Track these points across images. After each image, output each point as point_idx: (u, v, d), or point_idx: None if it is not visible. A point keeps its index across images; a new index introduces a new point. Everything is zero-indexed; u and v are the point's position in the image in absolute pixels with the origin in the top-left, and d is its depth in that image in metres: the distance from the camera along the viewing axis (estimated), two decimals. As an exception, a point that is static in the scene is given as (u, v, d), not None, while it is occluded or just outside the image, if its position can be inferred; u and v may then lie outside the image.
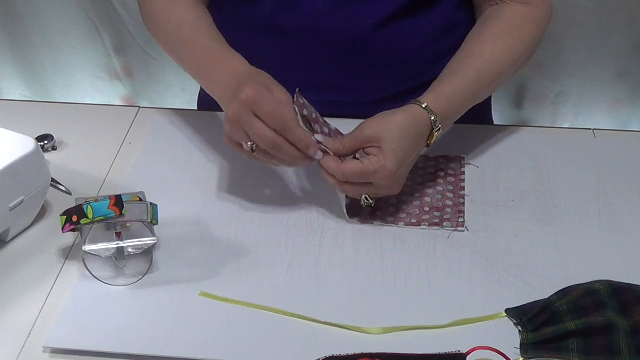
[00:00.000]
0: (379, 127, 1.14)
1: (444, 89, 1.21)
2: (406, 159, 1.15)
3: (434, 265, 1.11)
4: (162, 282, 1.07)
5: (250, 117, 1.10)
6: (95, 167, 1.29)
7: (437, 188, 1.25)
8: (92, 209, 1.05)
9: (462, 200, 1.23)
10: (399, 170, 1.13)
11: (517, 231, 1.17)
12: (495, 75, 1.26)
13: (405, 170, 1.16)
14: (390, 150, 1.12)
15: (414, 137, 1.16)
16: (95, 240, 1.07)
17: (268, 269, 1.11)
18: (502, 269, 1.10)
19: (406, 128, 1.15)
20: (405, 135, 1.14)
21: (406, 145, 1.14)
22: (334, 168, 1.13)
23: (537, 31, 1.31)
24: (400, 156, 1.13)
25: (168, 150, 1.33)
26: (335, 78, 1.29)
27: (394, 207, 1.21)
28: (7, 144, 1.11)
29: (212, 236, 1.16)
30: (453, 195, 1.24)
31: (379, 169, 1.11)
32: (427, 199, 1.23)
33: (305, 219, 1.19)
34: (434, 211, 1.21)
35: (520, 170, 1.29)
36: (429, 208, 1.21)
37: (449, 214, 1.20)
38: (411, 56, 1.34)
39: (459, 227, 1.18)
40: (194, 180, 1.27)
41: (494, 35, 1.29)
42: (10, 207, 1.09)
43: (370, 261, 1.12)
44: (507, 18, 1.30)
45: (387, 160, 1.11)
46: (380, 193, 1.16)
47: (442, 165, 1.30)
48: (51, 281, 1.08)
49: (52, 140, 1.33)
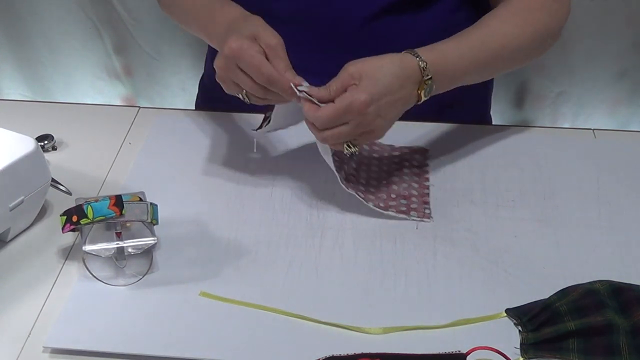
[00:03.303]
0: (363, 64, 1.12)
1: (441, 45, 1.20)
2: (385, 93, 1.11)
3: (434, 265, 1.11)
4: (162, 282, 1.07)
5: (235, 70, 1.12)
6: (95, 167, 1.29)
7: (403, 177, 1.26)
8: (92, 209, 1.05)
9: (426, 191, 1.24)
10: (374, 104, 1.10)
11: (517, 231, 1.17)
12: (500, 47, 1.24)
13: (385, 109, 1.12)
14: (367, 83, 1.10)
15: (397, 76, 1.13)
16: (95, 240, 1.07)
17: (268, 268, 1.11)
18: (502, 269, 1.10)
19: (390, 66, 1.13)
20: (387, 73, 1.12)
21: (387, 82, 1.12)
22: (312, 115, 1.11)
23: (550, 22, 1.30)
24: (377, 90, 1.10)
25: (168, 150, 1.33)
26: (329, 66, 1.28)
27: (364, 187, 1.21)
28: (7, 144, 1.11)
29: (212, 236, 1.16)
30: (418, 185, 1.25)
31: (352, 101, 1.09)
32: (394, 187, 1.24)
33: (305, 218, 1.19)
34: (401, 199, 1.21)
35: (520, 170, 1.29)
36: (396, 195, 1.22)
37: (415, 204, 1.21)
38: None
39: (425, 217, 1.19)
40: (194, 180, 1.27)
41: (505, 13, 1.28)
42: (10, 207, 1.09)
43: (370, 261, 1.12)
44: (522, 1, 1.29)
45: (360, 91, 1.09)
46: (358, 134, 1.12)
47: (407, 156, 1.31)
48: (51, 281, 1.08)
49: (52, 140, 1.33)
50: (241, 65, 1.11)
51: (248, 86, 1.13)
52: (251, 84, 1.12)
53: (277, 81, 1.11)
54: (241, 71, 1.12)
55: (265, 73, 1.10)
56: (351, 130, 1.11)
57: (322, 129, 1.12)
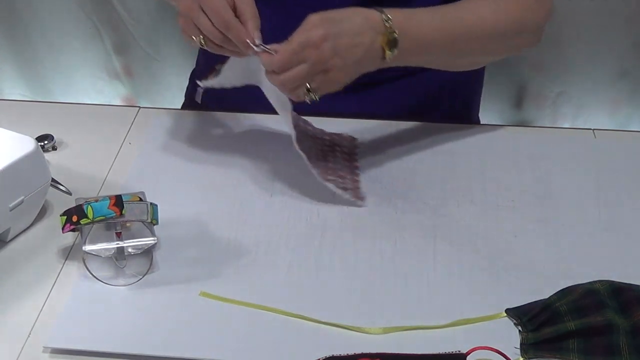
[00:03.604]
0: (324, 12, 1.13)
1: (409, 8, 1.20)
2: (342, 34, 1.11)
3: (433, 265, 1.11)
4: (162, 282, 1.07)
5: (197, 11, 1.12)
6: (95, 167, 1.29)
7: (335, 159, 1.28)
8: (92, 209, 1.05)
9: (357, 178, 1.26)
10: (331, 41, 1.10)
11: (517, 231, 1.17)
12: (471, 25, 1.25)
13: (343, 49, 1.11)
14: (326, 24, 1.10)
15: (358, 23, 1.14)
16: (95, 240, 1.07)
17: (268, 269, 1.11)
18: (502, 269, 1.10)
19: (351, 13, 1.15)
20: (347, 18, 1.13)
21: (346, 24, 1.12)
22: (269, 61, 1.11)
23: (527, 16, 1.31)
24: (334, 29, 1.11)
25: (168, 150, 1.33)
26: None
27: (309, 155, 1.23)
28: (7, 144, 1.11)
29: (212, 236, 1.16)
30: (348, 169, 1.27)
31: (308, 36, 1.09)
32: (330, 165, 1.26)
33: (305, 218, 1.19)
34: (338, 177, 1.23)
35: (520, 171, 1.29)
36: (332, 171, 1.24)
37: (349, 185, 1.23)
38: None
39: (358, 200, 1.20)
40: (194, 180, 1.27)
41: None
42: (10, 207, 1.09)
43: (370, 261, 1.12)
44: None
45: (317, 28, 1.10)
46: (317, 73, 1.11)
47: (337, 141, 1.32)
48: (51, 281, 1.08)
49: (52, 140, 1.33)
50: (204, 6, 1.11)
51: (206, 29, 1.12)
52: (210, 27, 1.12)
53: (234, 28, 1.11)
54: (203, 13, 1.12)
55: (225, 18, 1.10)
56: (309, 69, 1.10)
57: (280, 71, 1.11)
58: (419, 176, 1.28)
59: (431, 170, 1.29)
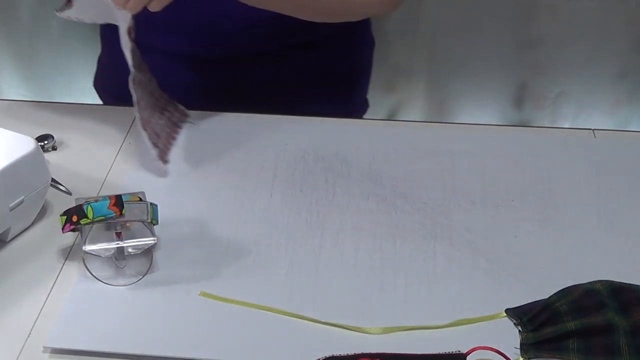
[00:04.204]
0: None
1: None
2: None
3: (433, 265, 1.11)
4: (162, 282, 1.07)
5: None
6: (95, 167, 1.29)
7: (161, 118, 1.32)
8: (92, 209, 1.05)
9: (169, 145, 1.32)
10: None
11: (517, 231, 1.17)
12: None
13: None
14: None
15: None
16: (95, 240, 1.07)
17: (268, 269, 1.11)
18: (502, 269, 1.10)
19: None
20: None
21: None
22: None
23: None
24: None
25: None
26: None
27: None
28: (7, 144, 1.11)
29: (212, 236, 1.16)
30: (166, 133, 1.32)
31: None
32: (153, 119, 1.30)
33: (305, 219, 1.19)
34: (154, 132, 1.27)
35: (520, 171, 1.29)
36: (152, 125, 1.28)
37: (160, 145, 1.27)
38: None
39: (161, 162, 1.27)
40: (193, 180, 1.27)
41: None
42: (10, 207, 1.09)
43: (370, 261, 1.12)
44: None
45: None
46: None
47: (170, 107, 1.37)
48: (51, 281, 1.08)
49: (52, 140, 1.33)
50: None
51: None
52: None
53: None
54: None
55: None
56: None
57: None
58: (419, 175, 1.28)
59: (431, 170, 1.29)
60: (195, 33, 1.44)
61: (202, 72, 1.51)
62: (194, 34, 1.44)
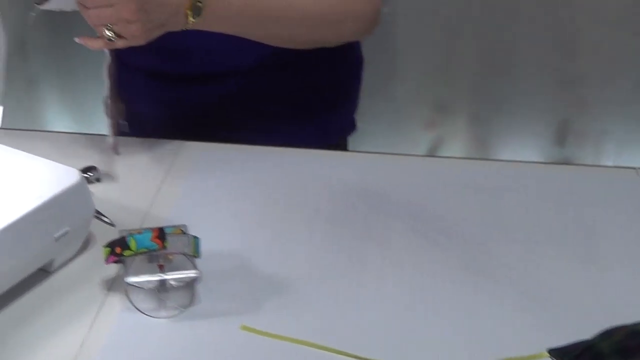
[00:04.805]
0: None
1: None
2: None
3: (473, 301, 1.10)
4: (203, 315, 1.08)
5: None
6: (138, 199, 1.30)
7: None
8: (135, 241, 1.06)
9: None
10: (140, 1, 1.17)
11: (557, 269, 1.16)
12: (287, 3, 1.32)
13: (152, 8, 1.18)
14: None
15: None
16: (137, 272, 1.07)
17: (308, 303, 1.11)
18: (543, 308, 1.10)
19: None
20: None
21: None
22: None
23: (352, 4, 1.37)
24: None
25: (210, 183, 1.34)
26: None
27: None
28: (52, 176, 1.12)
29: (253, 270, 1.16)
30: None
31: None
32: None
33: (345, 254, 1.19)
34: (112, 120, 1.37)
35: (562, 208, 1.28)
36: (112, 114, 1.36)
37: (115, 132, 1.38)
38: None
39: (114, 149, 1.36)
40: (235, 213, 1.28)
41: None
42: (55, 238, 1.10)
43: (410, 297, 1.11)
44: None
45: None
46: (119, 21, 1.18)
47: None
48: (93, 312, 1.09)
49: (96, 172, 1.34)
50: None
51: None
52: None
53: None
54: None
55: None
56: (113, 14, 1.18)
57: (90, 7, 1.17)
58: (459, 212, 1.28)
59: (472, 206, 1.29)
60: (172, 53, 1.48)
61: (180, 90, 1.55)
62: (172, 53, 1.48)
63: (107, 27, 1.19)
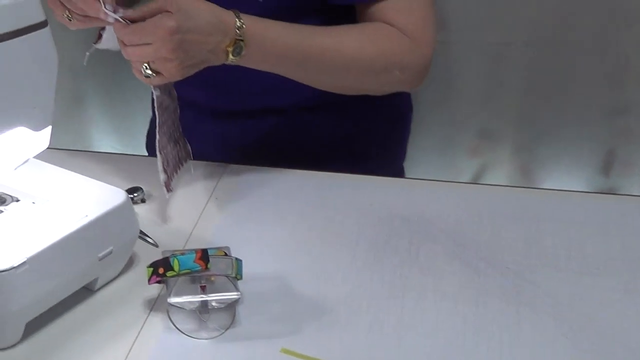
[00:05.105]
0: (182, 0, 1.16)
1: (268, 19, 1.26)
2: (193, 31, 1.16)
3: (517, 331, 1.10)
4: (244, 337, 1.08)
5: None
6: (182, 220, 1.31)
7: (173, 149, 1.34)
8: (179, 261, 1.07)
9: (175, 173, 1.34)
10: (180, 35, 1.14)
11: (602, 300, 1.15)
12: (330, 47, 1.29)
13: (189, 44, 1.16)
14: (180, 15, 1.14)
15: (211, 23, 1.18)
16: (180, 293, 1.08)
17: (349, 328, 1.10)
18: (586, 338, 1.08)
19: (207, 13, 1.19)
20: (202, 16, 1.18)
21: (199, 22, 1.17)
22: (120, 30, 1.16)
23: (398, 52, 1.34)
24: (187, 24, 1.15)
25: (254, 205, 1.35)
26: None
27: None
28: (99, 195, 1.14)
29: (295, 293, 1.16)
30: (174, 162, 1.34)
31: (160, 24, 1.13)
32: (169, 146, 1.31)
33: (387, 279, 1.19)
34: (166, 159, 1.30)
35: (606, 238, 1.27)
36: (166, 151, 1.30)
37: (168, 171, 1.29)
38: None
39: (166, 188, 1.28)
40: (278, 236, 1.28)
41: (352, 28, 1.33)
42: (99, 257, 1.11)
43: (452, 324, 1.11)
44: (374, 24, 1.34)
45: (171, 19, 1.13)
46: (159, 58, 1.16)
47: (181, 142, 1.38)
48: (135, 332, 1.09)
49: (141, 193, 1.36)
50: None
51: (69, 3, 1.16)
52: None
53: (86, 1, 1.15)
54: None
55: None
56: (152, 52, 1.15)
57: (128, 44, 1.16)
58: (503, 240, 1.27)
59: (515, 235, 1.28)
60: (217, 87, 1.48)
61: (225, 125, 1.55)
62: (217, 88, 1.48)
63: (145, 65, 1.18)
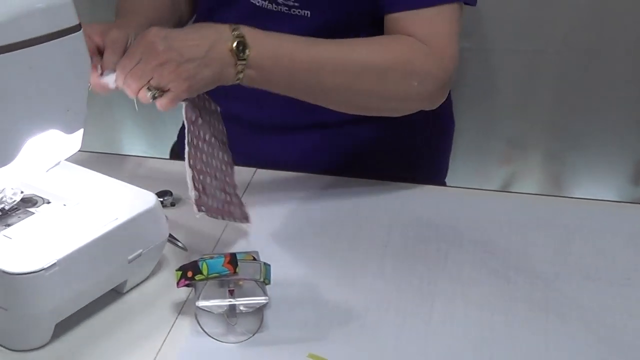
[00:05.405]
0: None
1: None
2: (177, 33, 1.17)
3: (545, 340, 1.09)
4: (271, 342, 1.08)
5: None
6: (211, 224, 1.31)
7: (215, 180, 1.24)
8: (207, 265, 1.07)
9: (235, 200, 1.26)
10: (165, 40, 1.13)
11: (632, 310, 1.14)
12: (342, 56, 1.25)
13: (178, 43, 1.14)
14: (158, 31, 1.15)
15: (195, 27, 1.22)
16: (208, 297, 1.09)
17: (376, 334, 1.10)
18: (616, 348, 1.08)
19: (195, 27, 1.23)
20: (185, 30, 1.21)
21: (180, 31, 1.18)
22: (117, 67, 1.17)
23: (416, 61, 1.28)
24: (165, 31, 1.15)
25: (283, 211, 1.35)
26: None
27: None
28: (129, 199, 1.14)
29: (322, 298, 1.16)
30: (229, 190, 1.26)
31: (143, 35, 1.15)
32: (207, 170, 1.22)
33: (415, 286, 1.19)
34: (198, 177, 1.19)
35: (637, 248, 1.27)
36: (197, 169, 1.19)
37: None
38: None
39: (198, 207, 1.16)
40: (307, 242, 1.28)
41: (369, 39, 1.30)
42: (129, 260, 1.11)
43: (479, 332, 1.10)
44: (393, 35, 1.30)
45: (146, 31, 1.15)
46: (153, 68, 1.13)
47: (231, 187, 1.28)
48: (163, 334, 1.10)
49: (170, 197, 1.36)
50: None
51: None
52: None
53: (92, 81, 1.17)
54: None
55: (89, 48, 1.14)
56: (143, 65, 1.14)
57: (123, 74, 1.15)
58: (532, 248, 1.27)
59: (545, 243, 1.28)
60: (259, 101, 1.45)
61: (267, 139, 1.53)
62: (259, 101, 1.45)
63: (147, 86, 1.15)
